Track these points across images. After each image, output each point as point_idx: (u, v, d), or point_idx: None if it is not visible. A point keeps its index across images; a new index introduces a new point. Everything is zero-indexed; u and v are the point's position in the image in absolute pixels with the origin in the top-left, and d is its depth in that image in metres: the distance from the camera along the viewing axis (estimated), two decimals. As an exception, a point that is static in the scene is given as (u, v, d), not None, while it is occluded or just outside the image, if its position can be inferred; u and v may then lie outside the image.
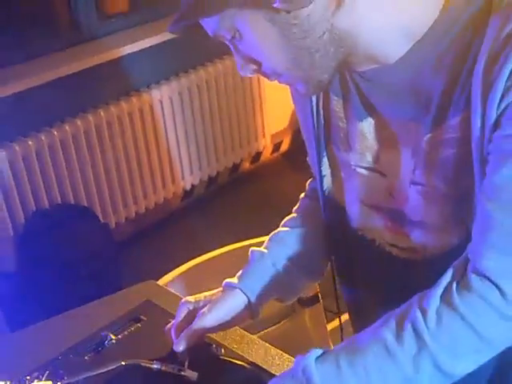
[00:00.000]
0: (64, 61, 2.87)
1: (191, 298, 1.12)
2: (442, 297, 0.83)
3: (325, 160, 1.08)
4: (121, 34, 3.12)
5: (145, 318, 1.22)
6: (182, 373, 1.04)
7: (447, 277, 0.84)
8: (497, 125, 0.80)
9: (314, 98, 1.03)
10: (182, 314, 1.10)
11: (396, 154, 0.94)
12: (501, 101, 0.79)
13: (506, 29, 0.79)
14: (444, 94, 0.85)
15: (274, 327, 1.69)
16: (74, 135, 2.86)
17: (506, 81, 0.78)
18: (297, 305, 1.76)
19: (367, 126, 0.97)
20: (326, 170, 1.08)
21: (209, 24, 0.87)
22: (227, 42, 0.90)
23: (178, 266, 1.69)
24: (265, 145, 3.70)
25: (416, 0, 0.85)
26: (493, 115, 0.80)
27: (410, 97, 0.89)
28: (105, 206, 3.06)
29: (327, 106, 1.03)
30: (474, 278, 0.82)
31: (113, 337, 1.17)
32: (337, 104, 1.01)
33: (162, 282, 1.66)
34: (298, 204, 1.24)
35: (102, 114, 2.93)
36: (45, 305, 2.65)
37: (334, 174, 1.08)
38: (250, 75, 0.92)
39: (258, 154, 3.74)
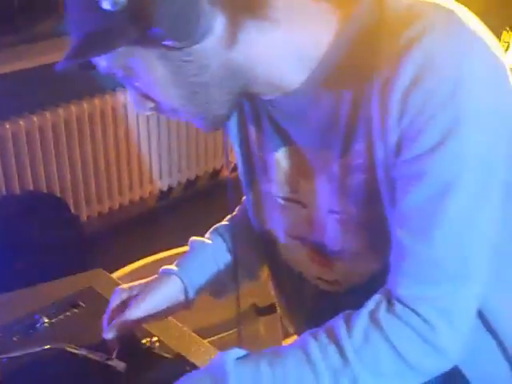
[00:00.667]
0: (55, 47, 2.85)
1: (126, 286, 1.09)
2: (369, 317, 0.81)
3: (252, 191, 1.05)
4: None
5: (83, 305, 1.19)
6: (109, 362, 1.01)
7: (376, 298, 0.83)
8: (397, 150, 0.78)
9: (235, 129, 1.01)
10: (115, 301, 1.08)
11: (313, 183, 0.92)
12: (397, 124, 0.77)
13: (394, 44, 0.76)
14: (348, 119, 0.83)
15: (226, 333, 1.66)
16: (54, 124, 2.83)
17: (400, 103, 0.76)
18: (252, 313, 1.74)
19: (283, 155, 0.95)
20: (255, 200, 1.06)
21: (100, 62, 0.84)
22: (121, 80, 0.86)
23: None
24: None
25: (308, 27, 0.83)
26: (392, 140, 0.78)
27: (318, 123, 0.86)
28: (78, 197, 3.03)
29: (246, 138, 1.01)
30: (397, 304, 0.81)
31: (46, 320, 1.13)
32: (254, 134, 0.99)
33: (116, 275, 1.63)
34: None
35: (84, 105, 2.90)
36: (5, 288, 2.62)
37: (261, 206, 1.05)
38: (149, 113, 0.89)
39: (240, 163, 3.71)
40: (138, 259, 1.73)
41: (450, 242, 0.79)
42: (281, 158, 0.96)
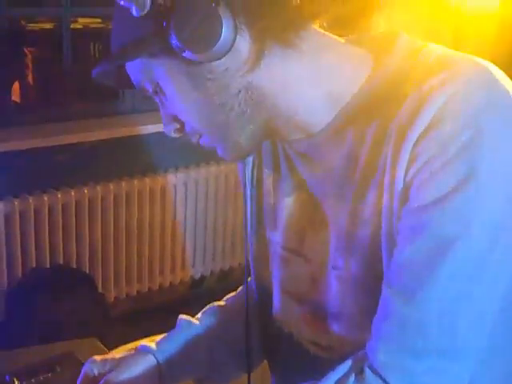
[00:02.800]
0: (94, 126, 2.91)
1: (99, 358, 1.02)
2: None
3: (257, 239, 0.99)
4: (152, 112, 3.15)
5: (59, 370, 1.12)
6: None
7: (345, 366, 0.75)
8: (404, 198, 0.72)
9: (248, 171, 0.97)
10: (85, 374, 0.99)
11: (320, 235, 0.86)
12: (406, 172, 0.72)
13: (418, 91, 0.73)
14: (366, 165, 0.78)
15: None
16: (90, 200, 2.85)
17: (412, 148, 0.71)
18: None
19: (294, 202, 0.90)
20: (258, 250, 1.00)
21: (132, 75, 0.84)
22: (153, 97, 0.86)
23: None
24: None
25: (342, 62, 0.81)
26: (399, 187, 0.73)
27: (336, 169, 0.82)
28: (107, 276, 2.99)
29: (260, 182, 0.97)
30: (368, 373, 0.73)
31: (16, 382, 1.07)
32: (268, 177, 0.95)
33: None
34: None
35: (123, 184, 2.92)
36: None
37: (262, 257, 0.99)
38: (174, 135, 0.86)
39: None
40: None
41: (441, 309, 0.71)
42: (292, 204, 0.91)
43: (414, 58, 0.77)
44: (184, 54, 0.75)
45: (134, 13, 0.74)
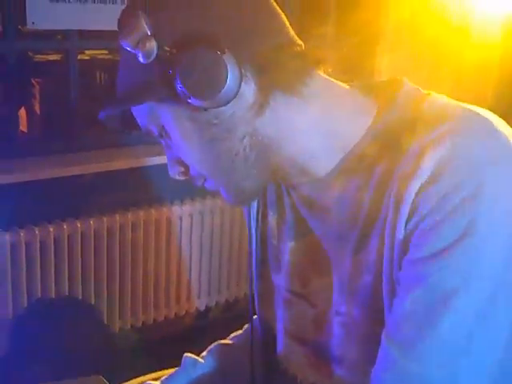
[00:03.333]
0: (100, 157, 2.93)
1: None
2: None
3: (262, 281, 1.01)
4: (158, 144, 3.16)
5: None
6: None
7: None
8: (404, 248, 0.73)
9: (254, 212, 0.99)
10: None
11: (324, 280, 0.87)
12: (407, 223, 0.73)
13: (420, 142, 0.74)
14: (369, 211, 0.79)
15: None
16: (96, 230, 2.85)
17: (414, 199, 0.72)
18: None
19: (299, 245, 0.91)
20: (262, 292, 1.01)
21: (139, 118, 0.86)
22: (158, 140, 0.87)
23: None
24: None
25: (346, 109, 0.82)
26: (400, 237, 0.73)
27: (339, 213, 0.83)
28: (112, 307, 2.98)
29: (265, 223, 0.98)
30: None
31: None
32: (272, 219, 0.96)
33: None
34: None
35: (129, 215, 2.93)
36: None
37: (267, 299, 1.00)
38: (179, 177, 0.88)
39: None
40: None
41: (441, 362, 0.71)
42: (296, 248, 0.92)
43: (417, 109, 0.78)
44: (189, 100, 0.76)
45: (141, 59, 0.76)
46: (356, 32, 3.48)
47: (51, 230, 2.73)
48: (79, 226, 2.80)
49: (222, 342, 1.12)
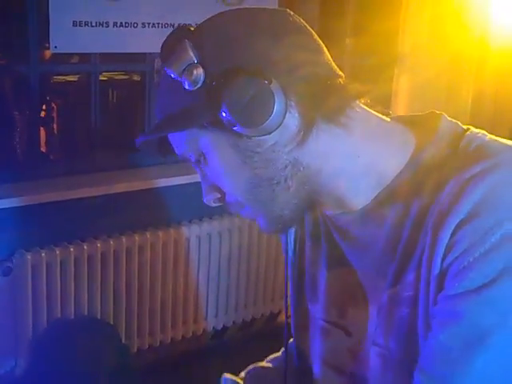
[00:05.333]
0: (110, 179, 2.96)
1: None
2: None
3: (299, 311, 1.01)
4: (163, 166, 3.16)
5: None
6: None
7: None
8: (440, 284, 0.74)
9: (291, 240, 0.99)
10: None
11: (361, 311, 0.87)
12: (443, 259, 0.73)
13: (459, 178, 0.75)
14: (406, 246, 0.80)
15: None
16: (116, 251, 2.88)
17: (450, 236, 0.72)
18: None
19: (335, 276, 0.92)
20: (299, 321, 1.01)
21: (177, 145, 0.86)
22: (194, 166, 0.88)
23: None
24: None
25: (386, 141, 0.83)
26: (436, 273, 0.74)
27: (376, 247, 0.83)
28: (130, 327, 3.00)
29: (302, 250, 0.98)
30: None
31: None
32: (310, 249, 0.96)
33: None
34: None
35: (148, 235, 2.95)
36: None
37: (304, 328, 1.00)
38: (214, 204, 0.88)
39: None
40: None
41: None
42: (332, 277, 0.92)
43: (456, 145, 0.80)
44: (234, 128, 0.77)
45: (187, 86, 0.78)
46: (374, 54, 3.50)
47: (71, 250, 2.76)
48: (99, 245, 2.82)
49: (260, 364, 1.12)
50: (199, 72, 0.77)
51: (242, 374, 1.11)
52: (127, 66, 3.26)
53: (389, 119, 0.86)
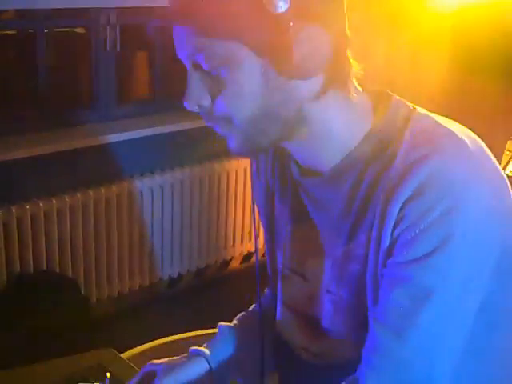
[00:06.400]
0: (70, 136, 3.00)
1: (157, 361, 1.14)
2: None
3: (271, 258, 1.13)
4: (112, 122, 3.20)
5: (93, 381, 1.23)
6: None
7: None
8: (389, 252, 0.86)
9: (262, 201, 1.10)
10: (140, 374, 1.13)
11: (318, 262, 0.99)
12: (393, 230, 0.85)
13: (408, 157, 0.86)
14: (359, 209, 0.92)
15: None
16: (71, 207, 2.93)
17: (398, 212, 0.84)
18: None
19: (297, 228, 1.03)
20: (273, 267, 1.13)
21: (189, 46, 0.87)
22: (192, 70, 0.90)
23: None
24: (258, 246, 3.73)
25: (354, 114, 0.93)
26: (386, 242, 0.86)
27: (335, 207, 0.95)
28: (89, 279, 3.09)
29: (272, 209, 1.09)
30: None
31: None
32: (278, 201, 1.07)
33: (125, 355, 1.66)
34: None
35: (102, 191, 3.01)
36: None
37: (274, 272, 1.12)
38: (194, 109, 0.92)
39: (250, 255, 3.79)
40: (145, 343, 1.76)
41: (421, 345, 0.85)
42: (295, 230, 1.03)
43: (406, 124, 0.90)
44: (277, 60, 0.84)
45: (273, 9, 0.81)
46: None
47: (28, 207, 2.80)
48: (55, 202, 2.88)
49: (246, 312, 1.24)
50: (287, 2, 0.81)
51: (235, 321, 1.22)
52: (72, 22, 3.24)
53: (360, 89, 0.95)
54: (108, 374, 1.17)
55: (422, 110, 0.95)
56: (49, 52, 3.05)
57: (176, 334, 1.84)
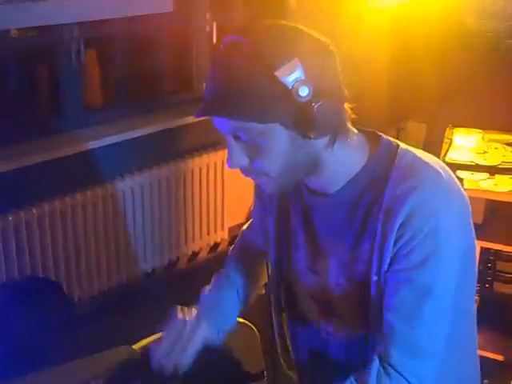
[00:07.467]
0: (44, 147, 3.16)
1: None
2: (377, 378, 1.16)
3: (286, 257, 1.38)
4: (93, 127, 3.41)
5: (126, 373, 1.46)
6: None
7: (376, 365, 1.16)
8: (391, 261, 1.15)
9: (275, 210, 1.35)
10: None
11: (327, 263, 1.27)
12: (394, 244, 1.14)
13: (399, 187, 1.13)
14: (361, 223, 1.19)
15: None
16: (50, 215, 3.11)
17: (397, 231, 1.12)
18: (244, 379, 2.00)
19: (307, 234, 1.29)
20: (288, 265, 1.38)
21: (231, 127, 1.12)
22: (230, 138, 1.14)
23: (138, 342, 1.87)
24: (223, 237, 4.01)
25: (356, 150, 1.20)
26: (388, 253, 1.15)
27: (339, 221, 1.22)
28: (70, 280, 3.28)
29: (288, 218, 1.34)
30: (392, 372, 1.16)
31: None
32: (292, 215, 1.32)
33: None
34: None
35: (78, 197, 3.20)
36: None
37: (291, 269, 1.38)
38: (239, 169, 1.17)
39: (216, 245, 4.04)
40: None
41: (426, 328, 1.15)
42: (306, 236, 1.30)
43: (393, 160, 1.18)
44: (311, 134, 1.09)
45: (299, 93, 1.05)
46: (264, 7, 3.81)
47: (10, 218, 2.98)
48: (46, 207, 3.08)
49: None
50: (306, 88, 1.05)
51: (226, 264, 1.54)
52: (42, 40, 3.36)
53: (356, 130, 1.21)
54: (147, 367, 1.39)
55: (403, 146, 1.22)
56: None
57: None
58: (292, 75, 1.05)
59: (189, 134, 3.64)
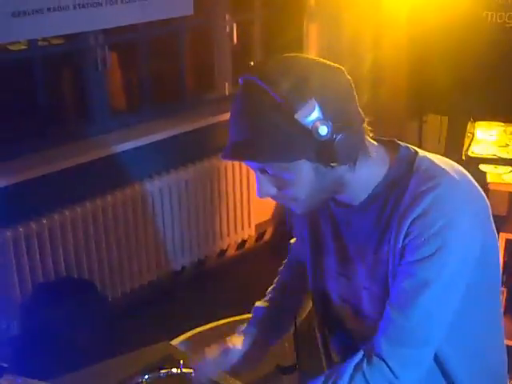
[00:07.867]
0: (73, 152, 3.27)
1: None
2: (355, 367, 1.22)
3: (317, 263, 1.45)
4: (118, 131, 3.50)
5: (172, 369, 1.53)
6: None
7: (359, 355, 1.24)
8: (402, 255, 1.21)
9: (306, 221, 1.43)
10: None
11: (354, 267, 1.34)
12: (404, 239, 1.20)
13: (416, 190, 1.19)
14: (382, 228, 1.25)
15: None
16: (83, 217, 3.21)
17: (409, 226, 1.19)
18: (277, 372, 2.06)
19: (336, 242, 1.37)
20: (319, 270, 1.45)
21: (258, 165, 1.20)
22: (258, 170, 1.21)
23: (171, 338, 1.90)
24: (250, 234, 4.09)
25: (376, 162, 1.26)
26: (400, 247, 1.21)
27: (363, 228, 1.29)
28: (104, 280, 3.38)
29: (318, 228, 1.41)
30: (375, 359, 1.21)
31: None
32: (323, 226, 1.40)
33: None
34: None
35: (109, 198, 3.30)
36: (40, 371, 2.89)
37: (323, 275, 1.44)
38: (266, 197, 1.25)
39: (244, 242, 4.12)
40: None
41: (421, 319, 1.20)
42: (336, 244, 1.37)
43: (411, 167, 1.24)
44: (333, 164, 1.16)
45: (319, 132, 1.12)
46: (284, 6, 3.87)
47: (44, 221, 3.08)
48: (68, 214, 3.16)
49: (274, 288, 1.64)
50: (325, 127, 1.12)
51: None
52: (68, 47, 3.46)
53: (375, 142, 1.27)
54: (181, 361, 1.48)
55: (421, 153, 1.28)
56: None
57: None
58: (310, 116, 1.12)
59: (213, 133, 3.71)
